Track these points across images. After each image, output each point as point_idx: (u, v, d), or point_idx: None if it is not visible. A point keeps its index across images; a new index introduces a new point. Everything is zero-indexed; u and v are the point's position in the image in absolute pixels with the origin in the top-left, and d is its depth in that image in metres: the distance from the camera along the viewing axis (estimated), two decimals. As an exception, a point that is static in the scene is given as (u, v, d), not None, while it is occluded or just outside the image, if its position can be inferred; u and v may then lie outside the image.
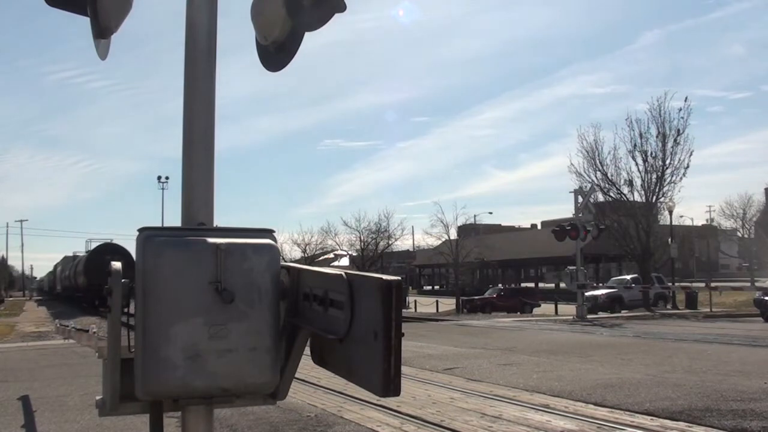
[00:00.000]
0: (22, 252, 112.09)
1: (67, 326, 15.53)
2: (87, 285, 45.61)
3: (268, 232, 2.88)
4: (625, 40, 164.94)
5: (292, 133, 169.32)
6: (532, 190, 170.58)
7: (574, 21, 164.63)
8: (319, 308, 2.60)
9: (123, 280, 2.63)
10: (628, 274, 51.76)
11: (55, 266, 75.78)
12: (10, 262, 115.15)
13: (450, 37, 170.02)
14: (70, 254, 64.06)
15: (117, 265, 2.66)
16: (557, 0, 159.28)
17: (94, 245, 53.31)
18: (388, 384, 2.20)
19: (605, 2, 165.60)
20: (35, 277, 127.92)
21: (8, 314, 45.62)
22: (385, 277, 2.23)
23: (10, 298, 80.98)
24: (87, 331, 12.09)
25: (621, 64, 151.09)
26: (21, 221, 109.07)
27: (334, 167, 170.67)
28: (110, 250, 46.20)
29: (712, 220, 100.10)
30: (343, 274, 2.46)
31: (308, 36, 3.19)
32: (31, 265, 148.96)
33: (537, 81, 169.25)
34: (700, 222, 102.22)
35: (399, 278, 2.24)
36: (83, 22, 3.15)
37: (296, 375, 3.04)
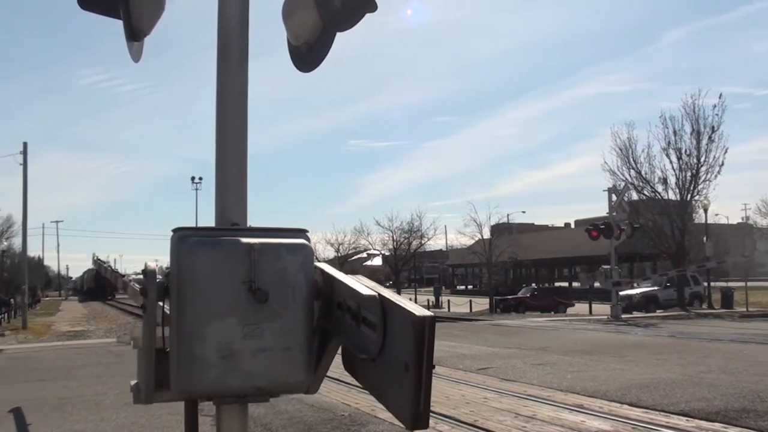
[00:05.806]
0: (58, 252, 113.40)
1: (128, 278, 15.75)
2: (95, 286, 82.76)
3: (301, 232, 2.87)
4: (648, 39, 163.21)
5: (319, 134, 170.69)
6: (562, 189, 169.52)
7: (597, 20, 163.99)
8: (352, 322, 2.59)
9: (158, 279, 2.65)
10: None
11: (84, 272, 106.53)
12: (46, 263, 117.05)
13: (472, 37, 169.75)
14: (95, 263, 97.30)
15: (152, 265, 2.69)
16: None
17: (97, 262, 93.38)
18: (417, 417, 2.23)
19: (628, 1, 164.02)
20: (71, 277, 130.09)
21: (45, 314, 46.80)
22: (418, 312, 2.22)
23: (47, 298, 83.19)
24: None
25: (645, 63, 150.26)
26: (56, 222, 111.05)
27: (361, 167, 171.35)
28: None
29: (747, 218, 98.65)
30: (376, 296, 2.44)
31: (335, 37, 3.19)
32: (67, 266, 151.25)
33: (560, 80, 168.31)
34: (735, 220, 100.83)
35: (432, 314, 2.23)
36: (114, 26, 3.18)
37: (331, 374, 3.05)
